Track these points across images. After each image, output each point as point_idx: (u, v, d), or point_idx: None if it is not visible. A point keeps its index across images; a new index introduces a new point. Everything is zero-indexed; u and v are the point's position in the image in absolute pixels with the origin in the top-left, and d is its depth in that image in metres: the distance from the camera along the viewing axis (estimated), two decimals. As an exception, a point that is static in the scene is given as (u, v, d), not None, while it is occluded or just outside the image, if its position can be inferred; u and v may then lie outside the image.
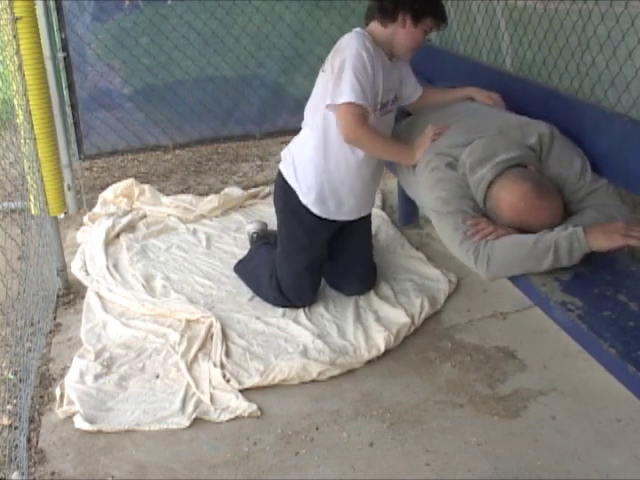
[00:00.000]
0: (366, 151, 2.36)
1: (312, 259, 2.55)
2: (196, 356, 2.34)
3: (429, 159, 2.16)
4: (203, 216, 3.41)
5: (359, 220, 2.59)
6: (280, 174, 2.51)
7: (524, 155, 2.04)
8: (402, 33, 2.30)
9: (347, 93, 2.19)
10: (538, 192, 1.93)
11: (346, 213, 2.52)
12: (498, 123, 2.20)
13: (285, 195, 2.50)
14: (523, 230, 1.94)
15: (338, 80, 2.22)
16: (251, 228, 3.05)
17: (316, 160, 2.40)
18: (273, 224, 3.10)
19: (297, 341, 2.41)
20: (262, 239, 2.96)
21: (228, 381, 2.21)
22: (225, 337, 2.43)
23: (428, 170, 2.14)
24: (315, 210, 2.46)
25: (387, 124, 2.46)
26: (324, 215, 2.48)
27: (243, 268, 2.82)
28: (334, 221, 2.51)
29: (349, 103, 2.20)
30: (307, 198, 2.44)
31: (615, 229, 1.81)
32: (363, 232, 2.68)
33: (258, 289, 2.69)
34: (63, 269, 2.85)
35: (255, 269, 2.75)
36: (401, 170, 2.46)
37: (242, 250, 3.02)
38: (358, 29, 2.33)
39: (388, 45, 2.34)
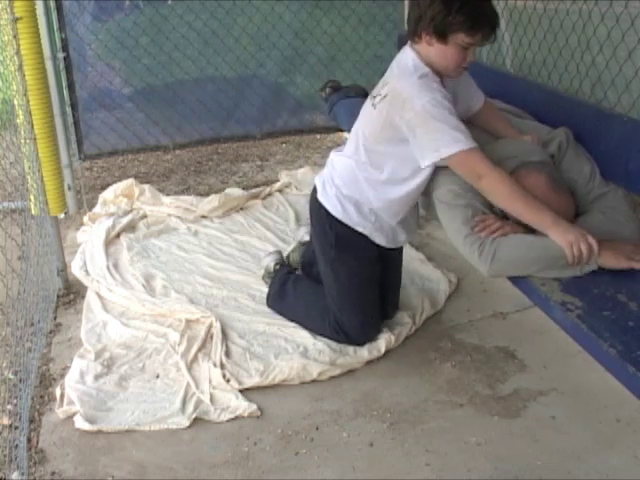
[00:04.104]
0: (499, 202, 1.95)
1: (375, 289, 2.37)
2: (196, 356, 2.34)
3: None
4: (204, 216, 3.41)
5: (398, 248, 2.44)
6: (321, 207, 2.26)
7: (543, 160, 2.08)
8: (433, 52, 1.98)
9: (452, 144, 1.88)
10: (553, 185, 1.97)
11: (401, 241, 2.35)
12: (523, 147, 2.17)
13: (335, 228, 2.26)
14: (531, 227, 1.95)
15: (426, 139, 1.93)
16: (270, 261, 2.76)
17: (366, 192, 2.17)
18: (274, 229, 3.11)
19: (297, 341, 2.40)
20: (284, 268, 2.73)
21: (228, 381, 2.21)
22: (225, 337, 2.43)
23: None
24: (376, 239, 2.27)
25: None
26: (383, 244, 2.29)
27: (287, 308, 2.56)
28: (385, 249, 2.33)
29: (461, 151, 1.89)
30: (364, 227, 2.23)
31: (623, 251, 1.84)
32: (400, 260, 2.53)
33: (313, 329, 2.46)
34: (63, 269, 2.85)
35: (304, 309, 2.51)
36: None
37: (242, 252, 3.02)
38: (408, 51, 2.03)
39: (431, 64, 2.00)
